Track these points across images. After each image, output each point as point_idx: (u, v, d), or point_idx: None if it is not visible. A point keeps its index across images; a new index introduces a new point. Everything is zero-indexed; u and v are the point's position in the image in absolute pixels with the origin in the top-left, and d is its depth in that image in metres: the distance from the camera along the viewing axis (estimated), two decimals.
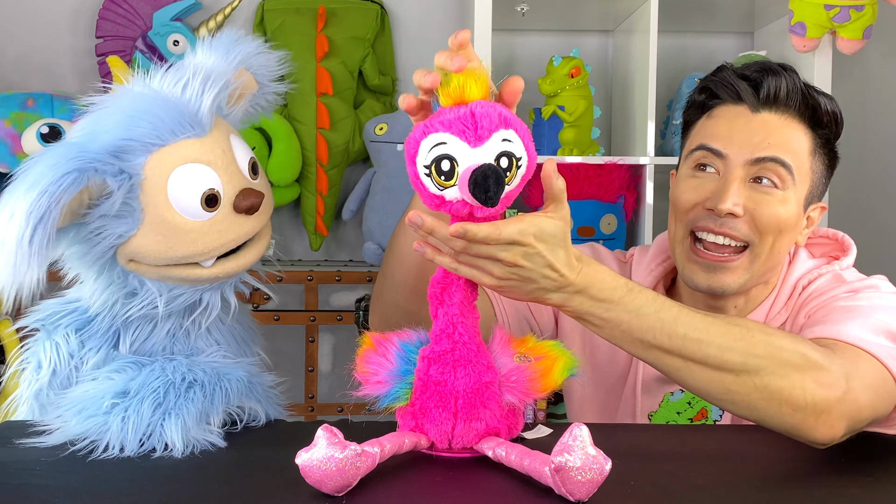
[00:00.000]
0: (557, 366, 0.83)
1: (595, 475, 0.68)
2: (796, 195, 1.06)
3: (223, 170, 0.86)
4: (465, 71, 0.76)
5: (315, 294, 2.05)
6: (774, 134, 1.05)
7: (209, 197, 0.85)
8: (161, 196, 0.84)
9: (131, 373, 0.88)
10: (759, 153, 1.04)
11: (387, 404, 0.82)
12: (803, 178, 1.06)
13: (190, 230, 0.85)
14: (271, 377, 0.99)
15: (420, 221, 0.77)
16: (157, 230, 0.85)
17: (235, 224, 0.87)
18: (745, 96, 1.08)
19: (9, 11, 2.33)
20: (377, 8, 2.29)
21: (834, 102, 1.09)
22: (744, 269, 1.06)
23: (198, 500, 0.73)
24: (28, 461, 0.82)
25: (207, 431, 0.88)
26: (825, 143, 1.09)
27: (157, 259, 0.86)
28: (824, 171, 1.10)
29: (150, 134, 0.84)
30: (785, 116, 1.06)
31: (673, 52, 2.36)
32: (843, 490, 0.77)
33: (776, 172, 1.04)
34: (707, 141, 1.07)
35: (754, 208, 1.04)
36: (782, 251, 1.08)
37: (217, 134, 0.88)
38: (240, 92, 0.94)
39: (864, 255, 2.55)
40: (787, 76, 1.07)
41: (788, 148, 1.05)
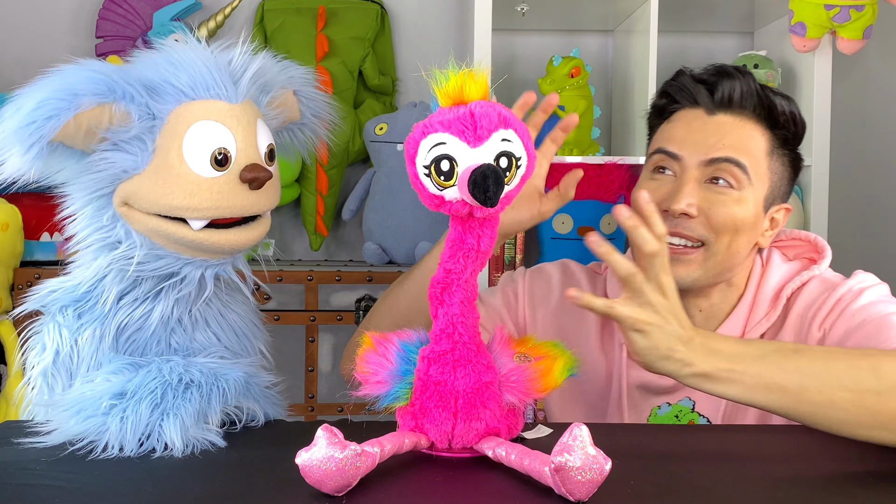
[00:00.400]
0: (557, 365, 0.84)
1: (595, 475, 0.68)
2: (754, 195, 1.06)
3: (241, 138, 0.87)
4: (464, 71, 0.76)
5: (315, 294, 2.05)
6: (729, 135, 1.06)
7: (219, 156, 0.86)
8: (175, 143, 0.85)
9: (128, 374, 0.88)
10: (714, 154, 1.05)
11: (387, 404, 0.82)
12: (761, 179, 1.07)
13: (191, 182, 0.85)
14: (270, 377, 0.99)
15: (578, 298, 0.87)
16: (160, 174, 0.85)
17: (236, 193, 0.87)
18: (700, 99, 1.09)
19: (9, 11, 2.33)
20: (377, 8, 2.29)
21: (792, 104, 1.10)
22: (698, 264, 1.06)
23: (198, 500, 0.73)
24: (28, 461, 0.82)
25: (206, 431, 0.88)
26: (784, 143, 1.09)
27: (150, 204, 0.85)
28: (786, 173, 1.11)
29: (186, 84, 0.86)
30: (741, 118, 1.08)
31: (673, 52, 2.36)
32: (843, 490, 0.77)
33: (731, 173, 1.05)
34: (664, 144, 1.09)
35: (709, 208, 1.05)
36: (740, 251, 1.07)
37: (247, 107, 0.89)
38: (281, 108, 0.97)
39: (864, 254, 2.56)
40: (743, 79, 1.08)
41: (744, 148, 1.06)
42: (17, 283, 1.96)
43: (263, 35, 2.28)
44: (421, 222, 2.09)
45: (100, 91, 0.83)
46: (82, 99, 0.81)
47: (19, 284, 1.96)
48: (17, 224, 1.94)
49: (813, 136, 2.05)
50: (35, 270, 1.97)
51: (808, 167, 2.07)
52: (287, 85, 0.98)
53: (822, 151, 2.05)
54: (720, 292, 1.12)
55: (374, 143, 2.17)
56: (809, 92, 2.07)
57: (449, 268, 0.80)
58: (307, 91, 1.00)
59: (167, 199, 0.85)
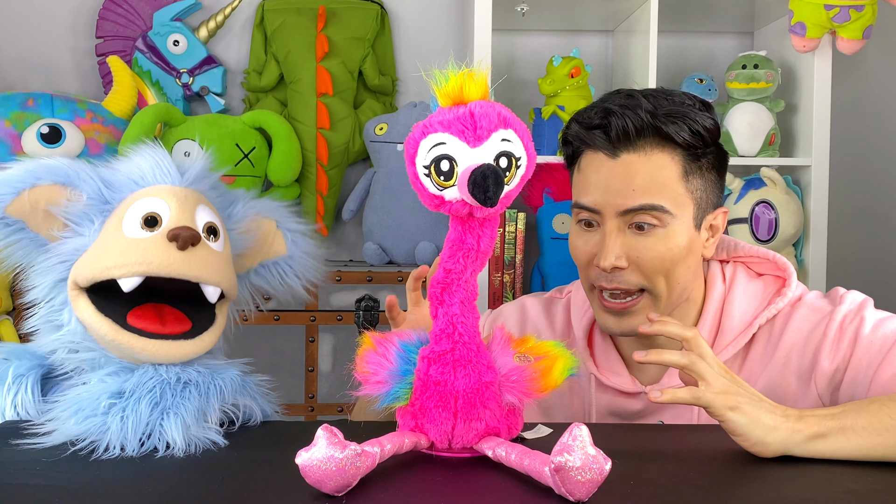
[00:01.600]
0: (558, 365, 0.84)
1: (595, 475, 0.68)
2: (681, 224, 1.04)
3: (175, 206, 0.94)
4: (464, 71, 0.76)
5: (315, 294, 2.05)
6: (637, 176, 1.02)
7: (148, 219, 0.93)
8: (117, 219, 0.94)
9: (124, 375, 0.89)
10: (628, 204, 1.02)
11: (386, 404, 0.82)
12: (682, 204, 1.04)
13: (121, 243, 0.92)
14: (263, 375, 1.00)
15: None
16: (99, 244, 0.93)
17: (162, 251, 0.90)
18: (598, 144, 1.05)
19: (9, 11, 2.33)
20: (377, 8, 2.29)
21: (692, 119, 1.02)
22: (649, 309, 1.05)
23: (198, 500, 0.73)
24: (28, 461, 0.82)
25: (207, 429, 0.88)
26: (696, 158, 1.05)
27: (88, 270, 0.91)
28: (710, 180, 1.07)
29: (136, 174, 0.98)
30: (645, 151, 1.03)
31: (673, 52, 2.36)
32: (843, 490, 0.77)
33: (651, 215, 1.02)
34: (580, 198, 1.07)
35: (637, 256, 1.03)
36: (682, 278, 1.06)
37: (190, 191, 0.98)
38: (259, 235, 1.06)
39: (863, 255, 2.55)
40: (632, 113, 1.02)
41: (656, 186, 1.02)
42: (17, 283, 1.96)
43: (263, 35, 2.28)
44: (421, 222, 2.09)
45: (57, 174, 0.95)
46: (40, 176, 0.95)
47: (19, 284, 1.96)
48: None
49: (813, 136, 2.05)
50: None
51: (807, 167, 2.07)
52: (266, 214, 1.07)
53: (822, 151, 2.05)
54: (680, 310, 1.10)
55: (374, 143, 2.17)
56: (809, 92, 2.07)
57: (449, 268, 0.80)
58: (291, 225, 1.09)
59: (100, 262, 0.91)
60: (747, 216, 2.07)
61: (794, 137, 2.17)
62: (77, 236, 0.95)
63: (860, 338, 1.00)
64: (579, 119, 1.08)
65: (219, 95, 2.29)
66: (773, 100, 2.12)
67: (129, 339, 0.90)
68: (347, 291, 2.36)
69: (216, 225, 0.97)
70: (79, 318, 0.93)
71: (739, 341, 1.08)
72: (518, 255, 2.12)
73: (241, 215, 1.05)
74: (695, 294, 1.11)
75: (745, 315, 1.09)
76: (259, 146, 2.10)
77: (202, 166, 1.02)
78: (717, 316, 1.10)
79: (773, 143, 2.11)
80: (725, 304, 1.10)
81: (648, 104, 1.03)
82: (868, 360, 0.99)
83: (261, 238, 1.06)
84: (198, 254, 0.91)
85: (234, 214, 1.04)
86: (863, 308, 1.04)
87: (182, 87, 2.26)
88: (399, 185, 2.11)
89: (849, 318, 1.03)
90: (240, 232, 1.03)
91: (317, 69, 2.20)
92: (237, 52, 2.35)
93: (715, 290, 1.11)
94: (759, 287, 1.11)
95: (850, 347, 1.01)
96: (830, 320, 1.03)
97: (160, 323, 0.92)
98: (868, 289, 1.14)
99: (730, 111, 2.13)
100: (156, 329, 0.91)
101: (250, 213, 1.06)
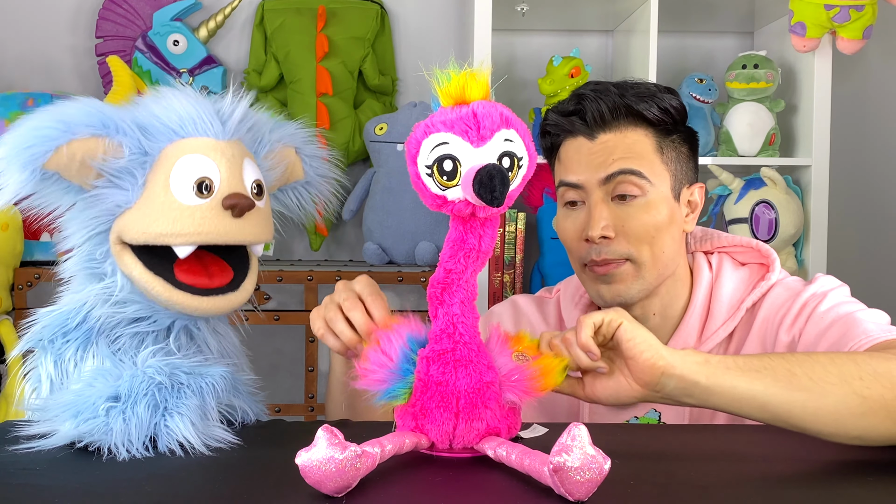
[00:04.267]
0: (559, 365, 0.84)
1: (594, 475, 0.68)
2: (660, 194, 1.10)
3: (225, 169, 0.91)
4: (466, 71, 0.76)
5: (315, 294, 2.05)
6: (616, 150, 1.09)
7: (201, 184, 0.89)
8: (163, 176, 0.90)
9: (112, 379, 0.88)
10: (609, 170, 1.08)
11: (384, 401, 0.82)
12: (660, 175, 1.10)
13: (175, 209, 0.89)
14: (250, 375, 1.00)
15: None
16: (147, 204, 0.89)
17: (218, 219, 0.89)
18: (577, 129, 1.12)
19: (9, 11, 2.33)
20: (377, 8, 2.29)
21: (659, 98, 1.11)
22: (633, 278, 1.10)
23: (198, 500, 0.73)
24: (28, 461, 0.82)
25: (214, 427, 0.88)
26: (667, 133, 1.12)
27: (138, 234, 0.88)
28: (683, 155, 1.14)
29: (175, 122, 0.91)
30: (620, 130, 1.10)
31: (673, 52, 2.36)
32: (843, 490, 0.77)
33: (631, 182, 1.08)
34: (563, 177, 1.13)
35: (623, 225, 1.08)
36: (667, 247, 1.10)
37: (234, 144, 0.94)
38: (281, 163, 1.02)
39: (863, 255, 2.55)
40: (605, 96, 1.10)
41: (634, 155, 1.09)
42: (17, 284, 1.96)
43: (263, 35, 2.28)
44: (421, 222, 2.10)
45: (93, 124, 0.88)
46: (76, 129, 0.87)
47: (19, 284, 1.96)
48: (16, 224, 1.94)
49: (813, 136, 2.05)
50: (35, 270, 1.97)
51: (807, 167, 2.07)
52: (288, 142, 1.03)
53: (822, 151, 2.05)
54: (668, 288, 1.14)
55: (374, 143, 2.17)
56: (809, 92, 2.07)
57: (449, 268, 0.80)
58: (309, 149, 1.06)
59: (153, 227, 0.88)
60: (747, 216, 2.07)
61: (794, 137, 2.17)
62: (117, 189, 0.90)
63: (815, 313, 1.04)
64: (555, 109, 1.15)
65: None
66: (773, 100, 2.12)
67: (183, 298, 0.90)
68: None
69: (262, 181, 0.96)
70: (125, 273, 0.91)
71: (728, 325, 1.12)
72: (518, 255, 2.12)
73: (266, 150, 1.01)
74: (681, 278, 1.15)
75: (733, 299, 1.13)
76: None
77: (241, 113, 0.96)
78: (705, 302, 1.14)
79: (773, 143, 2.11)
80: (714, 289, 1.14)
81: (616, 89, 1.11)
82: (815, 333, 1.02)
83: (284, 169, 1.04)
84: (250, 217, 0.92)
85: (260, 151, 1.00)
86: (831, 290, 1.07)
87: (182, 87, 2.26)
88: (399, 185, 2.11)
89: (815, 296, 1.07)
90: (267, 170, 1.00)
91: (317, 69, 2.20)
92: (237, 52, 2.35)
93: (703, 278, 1.15)
94: (744, 274, 1.15)
95: (805, 321, 1.05)
96: (797, 297, 1.07)
97: (207, 276, 0.92)
98: (868, 289, 1.15)
99: (730, 111, 2.13)
100: (204, 284, 0.91)
101: (276, 146, 1.02)
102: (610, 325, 0.86)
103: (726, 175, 2.10)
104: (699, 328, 1.13)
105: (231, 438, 0.88)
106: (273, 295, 2.22)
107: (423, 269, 2.07)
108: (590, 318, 0.86)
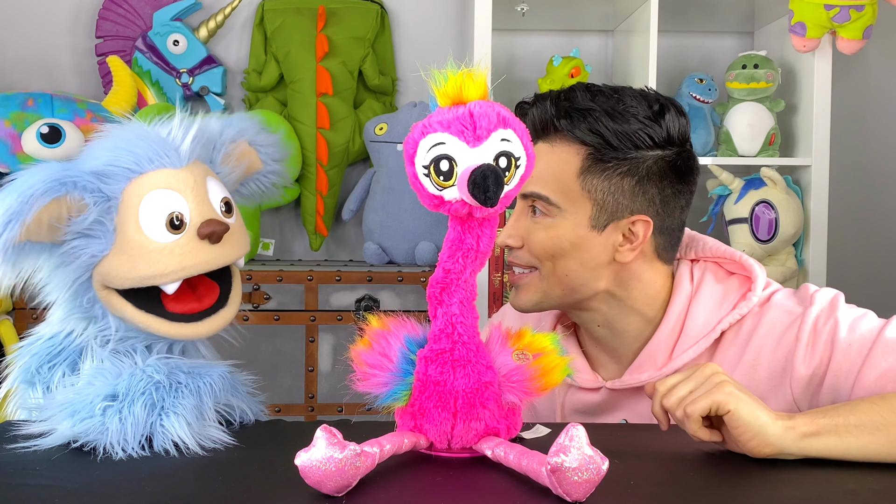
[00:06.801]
0: (559, 365, 0.83)
1: (592, 475, 0.68)
2: (571, 220, 1.05)
3: (192, 198, 0.91)
4: (463, 71, 0.76)
5: (315, 294, 2.05)
6: (539, 164, 1.02)
7: (173, 220, 0.90)
8: (132, 218, 0.90)
9: (111, 378, 0.88)
10: (526, 189, 1.05)
11: (385, 403, 0.82)
12: (576, 201, 1.05)
13: (153, 250, 0.89)
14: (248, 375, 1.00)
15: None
16: (124, 250, 0.89)
17: (198, 250, 0.90)
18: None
19: (9, 11, 2.33)
20: (377, 8, 2.29)
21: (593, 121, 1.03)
22: (535, 288, 1.08)
23: (198, 500, 0.73)
24: (28, 461, 0.82)
25: (210, 427, 0.88)
26: (601, 159, 1.04)
27: (122, 280, 0.89)
28: (622, 186, 1.05)
29: (130, 161, 0.91)
30: (553, 142, 1.06)
31: (673, 52, 2.36)
32: (843, 490, 0.77)
33: (539, 204, 1.07)
34: None
35: (527, 237, 1.08)
36: (570, 273, 1.07)
37: (194, 168, 0.94)
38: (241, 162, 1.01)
39: (863, 255, 2.55)
40: (542, 105, 1.07)
41: (549, 176, 1.05)
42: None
43: (263, 35, 2.28)
44: (421, 222, 2.10)
45: (51, 187, 0.87)
46: (36, 199, 0.86)
47: None
48: None
49: (813, 136, 2.05)
50: None
51: (807, 167, 2.07)
52: (238, 138, 1.02)
53: (821, 151, 2.05)
54: (606, 304, 1.10)
55: (374, 143, 2.17)
56: (809, 92, 2.07)
57: (448, 268, 0.80)
58: (260, 139, 1.04)
59: (135, 272, 0.89)
60: (747, 216, 2.07)
61: (794, 137, 2.17)
62: (89, 239, 0.90)
63: (837, 341, 0.99)
64: (518, 106, 1.12)
65: (219, 95, 2.29)
66: (773, 100, 2.12)
67: (177, 329, 0.91)
68: (347, 291, 2.36)
69: (228, 197, 0.96)
70: (116, 316, 0.92)
71: (701, 344, 1.07)
72: None
73: (222, 153, 0.99)
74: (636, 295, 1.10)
75: (709, 319, 1.08)
76: None
77: (192, 134, 0.94)
78: (680, 317, 1.09)
79: (773, 143, 2.11)
80: (690, 306, 1.09)
81: (572, 101, 1.05)
82: (848, 365, 0.98)
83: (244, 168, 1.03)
84: (227, 238, 0.92)
85: (216, 158, 0.99)
86: (835, 307, 1.02)
87: (182, 86, 2.26)
88: (399, 185, 2.11)
89: (822, 319, 1.02)
90: (228, 174, 1.00)
91: (317, 69, 2.20)
92: (237, 52, 2.35)
93: (681, 291, 1.10)
94: (726, 289, 1.10)
95: (828, 351, 1.00)
96: (802, 323, 1.02)
97: (196, 300, 0.93)
98: (868, 289, 1.14)
99: (730, 111, 2.13)
100: (195, 308, 0.92)
101: (230, 147, 1.00)
102: (718, 411, 0.85)
103: (726, 175, 2.09)
104: (671, 344, 1.09)
105: (227, 439, 0.88)
106: (273, 295, 2.22)
107: (423, 269, 2.07)
108: (696, 410, 0.85)
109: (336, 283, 2.03)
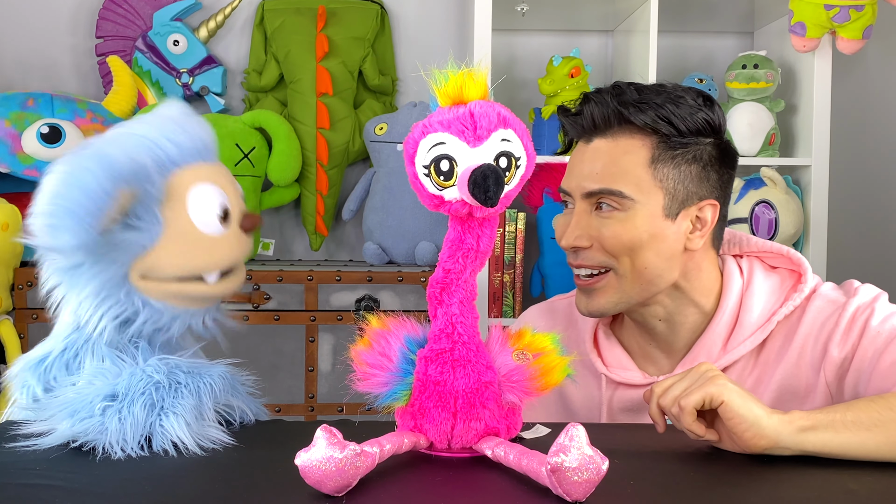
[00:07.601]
0: (560, 365, 0.84)
1: (592, 475, 0.68)
2: (644, 211, 1.05)
3: (230, 193, 0.95)
4: (464, 71, 0.76)
5: (315, 294, 2.05)
6: (601, 160, 1.07)
7: (224, 212, 0.93)
8: (181, 211, 0.91)
9: (111, 377, 0.88)
10: (589, 187, 1.07)
11: (385, 403, 0.82)
12: (648, 192, 1.05)
13: (207, 241, 0.92)
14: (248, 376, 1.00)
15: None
16: (177, 242, 0.90)
17: (240, 242, 0.95)
18: (573, 132, 1.12)
19: (9, 11, 2.33)
20: (377, 8, 2.29)
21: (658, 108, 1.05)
22: (613, 289, 1.08)
23: (198, 500, 0.73)
24: (28, 461, 0.82)
25: (209, 428, 0.88)
26: (670, 147, 1.06)
27: (173, 271, 0.91)
28: (690, 172, 1.07)
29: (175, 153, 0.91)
30: (614, 137, 1.07)
31: (673, 52, 2.36)
32: (843, 490, 0.77)
33: (611, 199, 1.06)
34: (561, 182, 1.13)
35: (598, 235, 1.07)
36: (651, 263, 1.06)
37: (221, 165, 0.98)
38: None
39: (863, 255, 2.55)
40: (601, 100, 1.07)
41: (618, 171, 1.05)
42: (18, 283, 1.96)
43: (263, 35, 2.28)
44: (421, 222, 2.09)
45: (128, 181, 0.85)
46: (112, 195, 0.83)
47: (19, 284, 1.96)
48: (17, 224, 1.93)
49: (813, 136, 2.05)
50: (35, 270, 1.96)
51: (807, 167, 2.07)
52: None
53: (822, 151, 2.05)
54: (671, 297, 1.10)
55: (374, 143, 2.17)
56: (809, 92, 2.07)
57: (448, 268, 0.80)
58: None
59: (192, 263, 0.92)
60: (747, 216, 2.07)
61: (794, 137, 2.17)
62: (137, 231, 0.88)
63: (868, 328, 1.02)
64: (563, 109, 1.14)
65: (219, 95, 2.29)
66: (773, 100, 2.12)
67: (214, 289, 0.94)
68: (347, 291, 2.36)
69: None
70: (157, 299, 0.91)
71: (757, 337, 1.09)
72: (518, 255, 2.12)
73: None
74: (697, 287, 1.11)
75: (764, 311, 1.10)
76: (259, 146, 2.11)
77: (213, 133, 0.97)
78: (735, 311, 1.11)
79: (773, 143, 2.11)
80: (744, 299, 1.11)
81: (626, 93, 1.07)
82: (873, 350, 1.00)
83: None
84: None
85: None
86: (875, 300, 1.05)
87: (182, 86, 2.26)
88: (399, 185, 2.11)
89: (861, 309, 1.04)
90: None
91: (317, 69, 2.20)
92: (237, 52, 2.35)
93: (733, 284, 1.11)
94: (776, 282, 1.12)
95: (858, 337, 1.02)
96: (843, 311, 1.04)
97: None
98: None
99: (730, 111, 2.13)
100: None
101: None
102: (712, 403, 0.86)
103: None
104: (725, 337, 1.10)
105: (226, 439, 0.88)
106: (273, 295, 2.22)
107: (423, 269, 2.07)
108: (690, 403, 0.86)
109: (336, 283, 2.03)
